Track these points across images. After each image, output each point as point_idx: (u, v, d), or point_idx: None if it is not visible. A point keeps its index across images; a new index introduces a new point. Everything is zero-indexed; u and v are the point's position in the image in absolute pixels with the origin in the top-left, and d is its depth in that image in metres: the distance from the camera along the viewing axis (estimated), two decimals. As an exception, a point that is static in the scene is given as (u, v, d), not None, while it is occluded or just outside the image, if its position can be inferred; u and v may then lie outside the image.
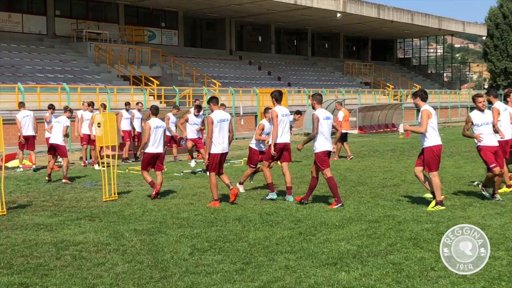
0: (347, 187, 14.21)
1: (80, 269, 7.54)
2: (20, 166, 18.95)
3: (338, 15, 48.30)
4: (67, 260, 7.99)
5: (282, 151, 12.39)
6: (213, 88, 37.84)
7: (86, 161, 20.27)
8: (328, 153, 11.68)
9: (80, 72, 35.22)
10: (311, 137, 11.63)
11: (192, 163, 17.93)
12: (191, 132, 17.89)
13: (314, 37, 62.55)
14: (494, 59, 73.08)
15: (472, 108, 15.92)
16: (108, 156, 14.03)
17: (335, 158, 20.46)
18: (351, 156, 20.88)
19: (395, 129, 39.18)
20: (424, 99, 11.22)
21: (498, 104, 12.92)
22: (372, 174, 16.43)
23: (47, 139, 17.97)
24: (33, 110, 19.97)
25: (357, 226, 9.74)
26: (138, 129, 21.14)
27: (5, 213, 11.33)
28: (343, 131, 21.18)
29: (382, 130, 38.69)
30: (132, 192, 13.95)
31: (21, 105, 19.65)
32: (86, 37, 38.83)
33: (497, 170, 11.67)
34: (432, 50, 78.26)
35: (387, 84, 56.28)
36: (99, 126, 13.21)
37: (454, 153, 22.02)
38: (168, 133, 19.51)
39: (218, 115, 12.00)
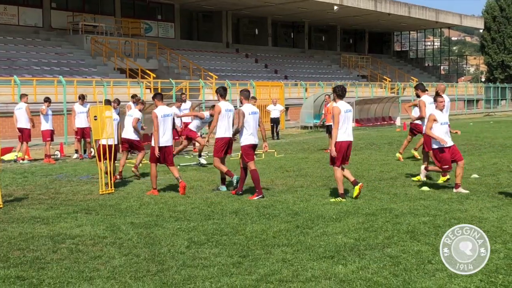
0: (344, 180, 14.19)
1: (76, 262, 7.52)
2: (21, 157, 19.12)
3: (335, 7, 48.26)
4: (64, 253, 7.97)
5: (228, 146, 12.71)
6: (210, 81, 37.80)
7: (83, 155, 20.27)
8: (253, 147, 12.20)
9: (76, 65, 35.15)
10: (237, 131, 12.07)
11: (202, 160, 17.78)
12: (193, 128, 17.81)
13: (311, 29, 62.51)
14: (491, 52, 73.15)
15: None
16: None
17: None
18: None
19: (392, 122, 39.24)
20: (340, 96, 11.57)
21: (425, 97, 13.83)
22: (369, 167, 16.43)
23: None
24: (29, 103, 19.93)
25: (354, 219, 9.74)
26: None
27: (1, 206, 11.29)
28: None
29: (379, 123, 38.69)
30: (129, 185, 13.93)
31: (20, 97, 19.90)
32: (82, 30, 38.76)
33: None
34: (429, 43, 78.31)
35: (384, 77, 56.29)
36: (95, 119, 13.17)
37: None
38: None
39: (161, 110, 12.73)
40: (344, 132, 11.45)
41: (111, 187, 13.02)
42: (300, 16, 55.56)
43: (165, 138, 12.71)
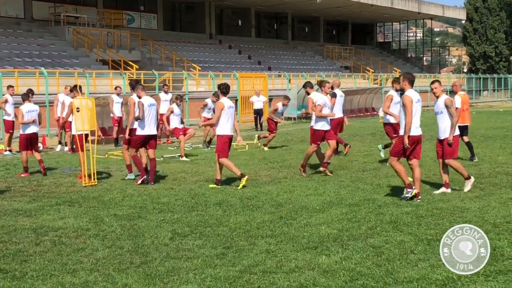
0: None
1: (60, 255, 7.50)
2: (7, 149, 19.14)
3: (318, -2, 48.22)
4: (47, 245, 7.94)
5: (146, 141, 13.19)
6: (193, 72, 37.69)
7: (66, 147, 20.14)
8: (147, 138, 12.94)
9: (58, 56, 34.87)
10: (136, 119, 12.82)
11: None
12: (176, 123, 17.82)
13: (294, 21, 62.42)
14: (473, 43, 73.46)
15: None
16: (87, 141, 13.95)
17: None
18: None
19: (375, 113, 39.34)
20: (224, 93, 12.49)
21: (313, 94, 14.18)
22: (352, 158, 16.48)
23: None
24: (11, 95, 19.86)
25: (337, 210, 9.78)
26: (118, 113, 21.04)
27: (-17, 199, 11.23)
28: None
29: (362, 114, 38.79)
30: (112, 177, 13.89)
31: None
32: (64, 21, 38.43)
33: None
34: (411, 34, 78.45)
35: (367, 68, 56.39)
36: (78, 111, 13.11)
37: (434, 137, 22.01)
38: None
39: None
40: (226, 126, 12.24)
41: (94, 179, 12.99)
42: (283, 7, 55.46)
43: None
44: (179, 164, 16.09)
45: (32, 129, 14.82)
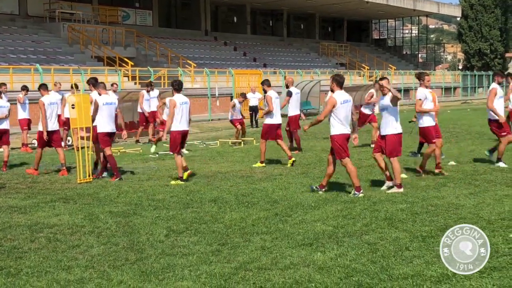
0: (323, 168, 14.23)
1: (55, 252, 7.49)
2: None
3: (314, -5, 48.22)
4: (42, 242, 7.93)
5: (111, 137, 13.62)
6: (188, 69, 37.64)
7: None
8: (109, 134, 13.23)
9: (53, 53, 34.79)
10: (93, 118, 13.10)
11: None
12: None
13: (289, 17, 62.41)
14: (468, 40, 73.57)
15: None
16: (82, 138, 13.95)
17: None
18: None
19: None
20: (177, 89, 12.64)
21: (271, 92, 14.91)
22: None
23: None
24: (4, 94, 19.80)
25: (332, 206, 9.78)
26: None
27: (-22, 195, 11.20)
28: None
29: (357, 111, 38.75)
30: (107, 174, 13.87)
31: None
32: (59, 18, 38.33)
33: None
34: (407, 31, 78.52)
35: (363, 65, 56.39)
36: (73, 108, 13.10)
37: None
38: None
39: (48, 98, 14.43)
40: (179, 122, 12.44)
41: (89, 176, 12.98)
42: (279, 4, 55.44)
43: (51, 123, 14.21)
44: (174, 161, 16.06)
45: (3, 125, 15.31)
